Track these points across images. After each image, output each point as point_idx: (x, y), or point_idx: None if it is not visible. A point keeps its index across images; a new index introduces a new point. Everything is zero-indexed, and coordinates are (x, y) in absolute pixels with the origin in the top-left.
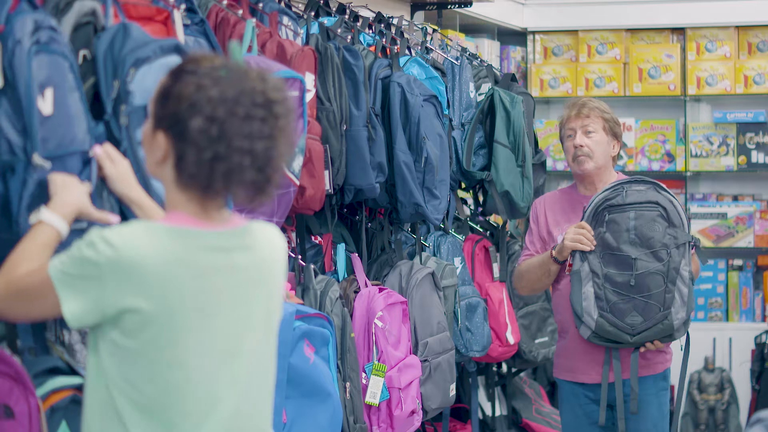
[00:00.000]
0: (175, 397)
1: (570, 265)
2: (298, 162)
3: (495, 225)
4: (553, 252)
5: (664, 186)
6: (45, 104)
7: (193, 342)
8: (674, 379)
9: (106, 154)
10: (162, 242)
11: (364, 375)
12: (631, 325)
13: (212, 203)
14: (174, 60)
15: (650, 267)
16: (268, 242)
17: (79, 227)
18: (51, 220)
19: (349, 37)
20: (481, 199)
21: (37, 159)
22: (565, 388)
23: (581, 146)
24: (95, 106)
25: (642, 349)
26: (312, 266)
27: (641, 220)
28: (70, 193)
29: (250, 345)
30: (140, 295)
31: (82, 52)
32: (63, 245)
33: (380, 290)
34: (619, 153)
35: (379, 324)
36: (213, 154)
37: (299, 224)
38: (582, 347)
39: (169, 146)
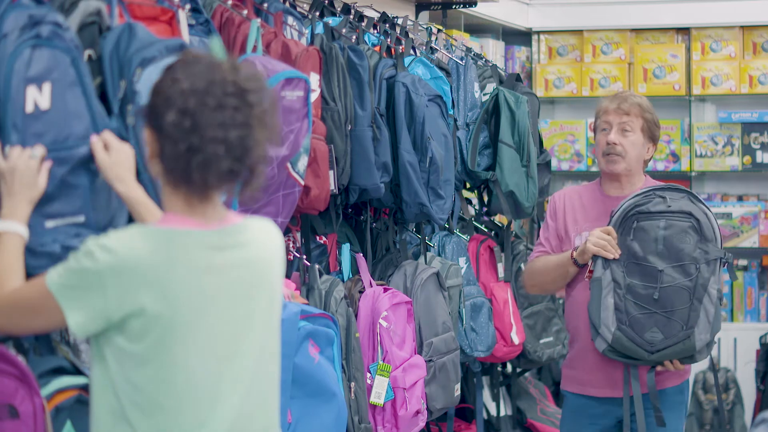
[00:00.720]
0: (179, 398)
1: (591, 272)
2: (303, 162)
3: (500, 225)
4: (574, 253)
5: (698, 196)
6: (42, 98)
7: (194, 342)
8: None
9: (102, 141)
10: (158, 244)
11: (368, 375)
12: (651, 342)
13: (204, 201)
14: None
15: (677, 281)
16: (265, 238)
17: (77, 221)
18: (6, 228)
19: (354, 37)
20: (485, 199)
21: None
22: (571, 401)
23: (615, 144)
24: (102, 106)
25: (659, 368)
26: (317, 266)
27: (672, 230)
28: (15, 191)
29: (251, 343)
30: (142, 298)
31: (87, 52)
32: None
33: (385, 290)
34: (653, 156)
35: (384, 324)
36: (187, 145)
37: (304, 224)
38: (595, 359)
39: (153, 142)
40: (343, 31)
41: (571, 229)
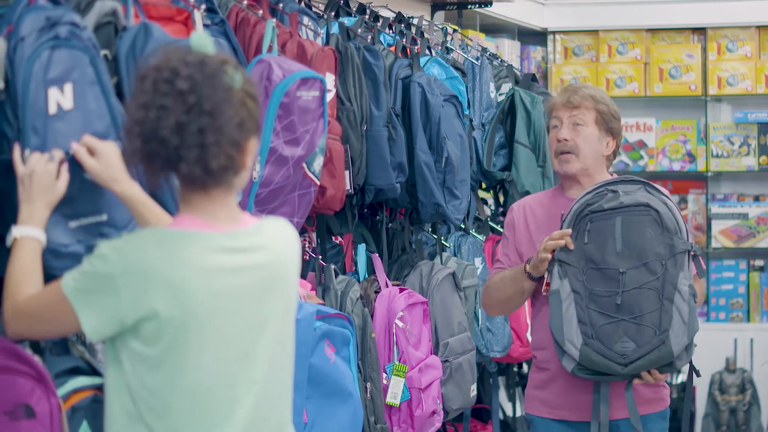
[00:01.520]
0: (193, 401)
1: (548, 284)
2: (318, 162)
3: None
4: (527, 266)
5: (656, 186)
6: (65, 99)
7: (207, 345)
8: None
9: (84, 147)
10: (170, 247)
11: (384, 375)
12: (622, 353)
13: (209, 200)
14: None
15: (641, 282)
16: (282, 240)
17: (99, 220)
18: (24, 233)
19: (370, 37)
20: (501, 199)
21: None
22: (539, 427)
23: (566, 140)
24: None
25: (637, 381)
26: (332, 266)
27: (629, 226)
28: (33, 195)
29: (265, 345)
30: (154, 300)
31: (103, 52)
32: (83, 244)
33: (401, 290)
34: (616, 152)
35: (400, 324)
36: (138, 130)
37: (320, 224)
38: (564, 378)
39: None
40: (359, 31)
41: (537, 241)
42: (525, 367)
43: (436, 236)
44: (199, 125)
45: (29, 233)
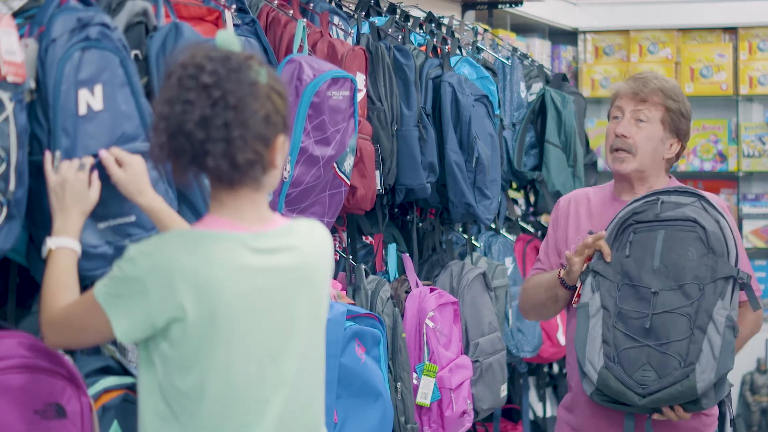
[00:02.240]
0: (222, 402)
1: (579, 296)
2: (349, 162)
3: (546, 225)
4: (562, 272)
5: (714, 202)
6: (95, 100)
7: (236, 346)
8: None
9: (112, 157)
10: (196, 247)
11: (415, 375)
12: (641, 383)
13: (237, 199)
14: None
15: (674, 305)
16: (314, 241)
17: (127, 221)
18: (59, 244)
19: (400, 36)
20: (532, 199)
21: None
22: None
23: (624, 137)
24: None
25: (657, 417)
26: (363, 266)
27: (672, 242)
28: (67, 205)
29: (295, 346)
30: (182, 300)
31: (133, 52)
32: (113, 246)
33: (431, 290)
34: (680, 154)
35: (430, 324)
36: (164, 126)
37: (350, 224)
38: (587, 401)
39: None
40: (389, 30)
41: (572, 241)
42: (555, 367)
43: (466, 236)
44: (224, 119)
45: (64, 244)
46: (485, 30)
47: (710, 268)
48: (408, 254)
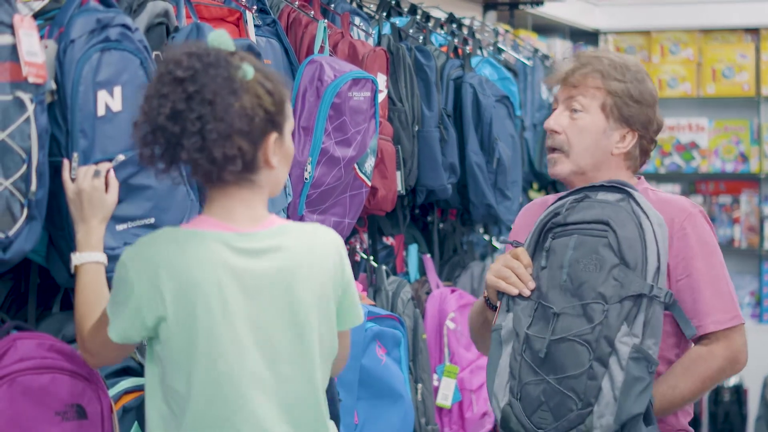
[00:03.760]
0: (208, 400)
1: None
2: (370, 163)
3: None
4: (486, 292)
5: (643, 198)
6: (114, 102)
7: (217, 345)
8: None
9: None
10: (181, 246)
11: (435, 376)
12: (538, 426)
13: (226, 198)
14: None
15: (572, 330)
16: (306, 245)
17: (147, 223)
18: (83, 260)
19: (421, 37)
20: None
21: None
22: None
23: (555, 132)
24: None
25: None
26: (384, 267)
27: (581, 250)
28: (86, 214)
29: (280, 348)
30: (166, 299)
31: (154, 53)
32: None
33: (452, 291)
34: (647, 149)
35: (451, 325)
36: (143, 119)
37: (371, 225)
38: None
39: None
40: (410, 31)
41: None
42: None
43: (487, 237)
44: (198, 113)
45: (88, 259)
46: (506, 31)
47: (619, 284)
48: (429, 255)
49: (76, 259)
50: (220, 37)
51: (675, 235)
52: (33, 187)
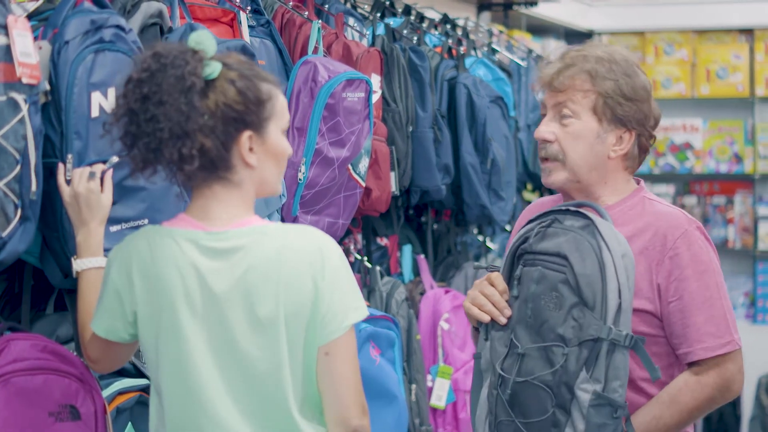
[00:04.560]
0: (175, 396)
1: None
2: (364, 163)
3: None
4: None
5: (606, 225)
6: (108, 103)
7: (179, 342)
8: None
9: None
10: (153, 243)
11: (429, 377)
12: None
13: (199, 196)
14: None
15: (535, 372)
16: (277, 246)
17: (140, 224)
18: (84, 266)
19: (415, 38)
20: None
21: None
22: None
23: (547, 141)
24: None
25: None
26: (378, 268)
27: (542, 286)
28: (84, 218)
29: (242, 347)
30: (137, 294)
31: None
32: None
33: (446, 292)
34: (645, 148)
35: (445, 326)
36: (110, 122)
37: (365, 226)
38: None
39: None
40: (404, 32)
41: None
42: None
43: (481, 238)
44: (151, 113)
45: (88, 265)
46: (500, 31)
47: (578, 326)
48: (423, 256)
49: (77, 265)
50: (199, 37)
51: (667, 255)
52: (34, 187)
